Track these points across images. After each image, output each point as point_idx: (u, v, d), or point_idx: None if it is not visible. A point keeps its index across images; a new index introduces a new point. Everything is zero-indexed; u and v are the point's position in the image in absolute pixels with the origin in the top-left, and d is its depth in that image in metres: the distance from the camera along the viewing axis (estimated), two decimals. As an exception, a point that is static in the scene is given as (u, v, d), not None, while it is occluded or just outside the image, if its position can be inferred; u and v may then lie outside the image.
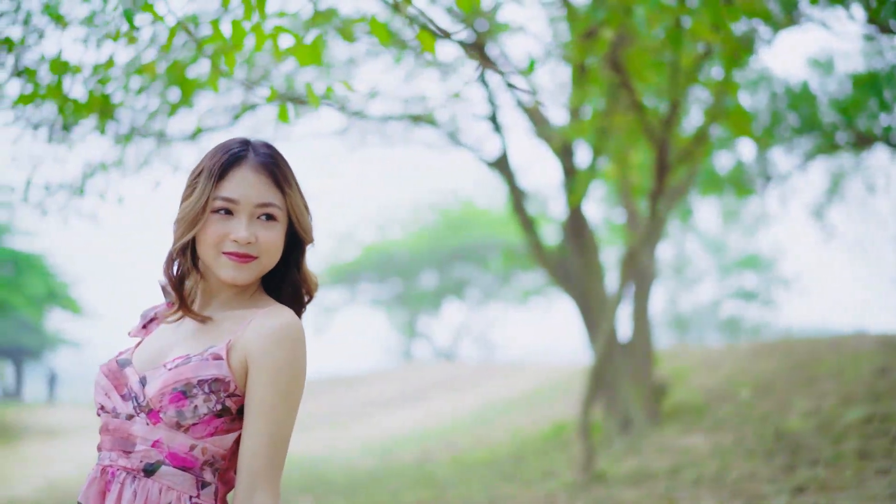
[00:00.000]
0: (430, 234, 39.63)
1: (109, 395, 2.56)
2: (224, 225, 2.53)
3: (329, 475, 13.74)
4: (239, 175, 2.55)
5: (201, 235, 2.56)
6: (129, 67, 9.35)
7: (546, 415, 15.60)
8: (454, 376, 29.18)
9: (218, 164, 2.54)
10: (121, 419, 2.52)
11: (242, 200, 2.54)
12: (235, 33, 4.63)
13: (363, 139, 13.59)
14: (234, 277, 2.56)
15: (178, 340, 2.63)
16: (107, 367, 2.61)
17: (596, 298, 11.29)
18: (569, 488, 9.08)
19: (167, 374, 2.50)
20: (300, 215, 2.65)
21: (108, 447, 2.53)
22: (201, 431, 2.49)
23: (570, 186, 10.86)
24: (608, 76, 8.26)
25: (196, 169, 2.60)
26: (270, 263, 2.61)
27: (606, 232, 22.54)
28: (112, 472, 2.50)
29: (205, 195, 2.53)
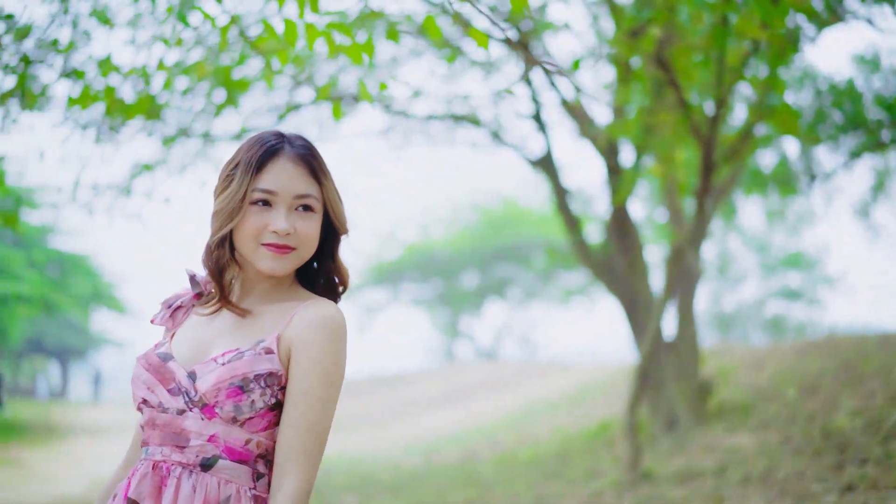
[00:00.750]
0: (472, 233, 39.61)
1: (154, 390, 2.58)
2: (263, 216, 2.57)
3: (373, 474, 13.77)
4: (277, 167, 2.58)
5: (240, 227, 2.59)
6: (177, 68, 9.44)
7: (590, 414, 15.57)
8: (496, 376, 29.16)
9: (255, 157, 2.57)
10: (170, 414, 2.54)
11: (281, 192, 2.57)
12: (288, 31, 4.67)
13: (406, 139, 13.62)
14: (273, 268, 2.59)
15: (219, 333, 2.66)
16: (146, 360, 2.63)
17: (641, 297, 11.26)
18: (615, 487, 9.06)
19: (221, 370, 2.52)
20: (336, 206, 2.70)
21: (157, 442, 2.55)
22: (256, 425, 2.53)
23: (615, 185, 10.84)
24: (654, 74, 8.24)
25: (231, 162, 2.63)
26: (308, 254, 2.65)
27: (649, 231, 22.46)
28: (167, 468, 2.52)
29: (243, 187, 2.56)
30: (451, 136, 13.41)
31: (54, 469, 17.88)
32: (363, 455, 17.56)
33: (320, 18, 4.70)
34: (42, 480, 16.15)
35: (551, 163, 11.61)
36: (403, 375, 36.46)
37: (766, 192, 16.48)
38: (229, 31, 6.23)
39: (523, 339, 46.14)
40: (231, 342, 2.62)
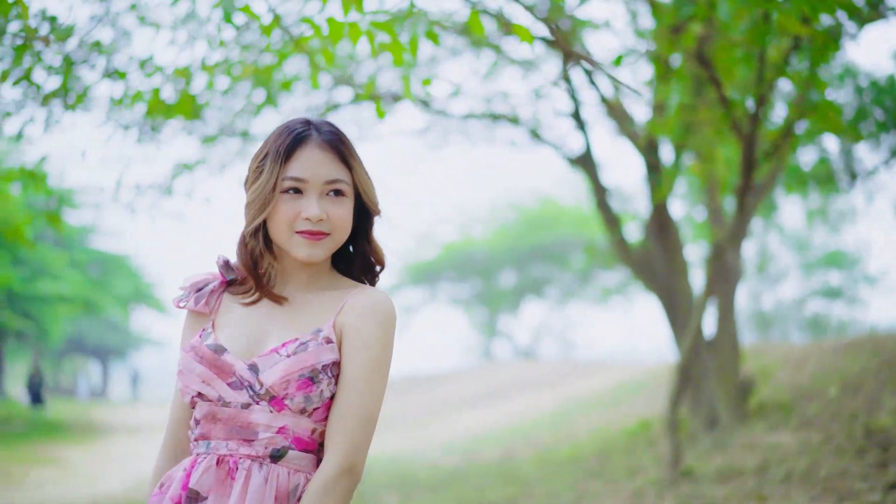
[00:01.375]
0: (510, 232, 39.54)
1: (211, 384, 2.59)
2: (295, 204, 2.59)
3: (413, 473, 13.80)
4: (305, 154, 2.60)
5: (273, 217, 2.62)
6: (219, 68, 9.50)
7: (629, 413, 15.53)
8: (535, 375, 29.12)
9: (284, 145, 2.60)
10: (234, 408, 2.57)
11: (311, 178, 2.60)
12: (332, 30, 4.69)
13: (445, 138, 13.64)
14: (308, 255, 2.62)
15: (269, 324, 2.68)
16: (196, 352, 2.63)
17: (681, 296, 11.23)
18: (656, 485, 9.04)
19: (287, 362, 2.55)
20: (367, 188, 2.71)
21: (222, 437, 2.57)
22: (321, 415, 2.59)
23: (654, 183, 10.82)
24: (694, 71, 8.22)
25: (260, 152, 2.66)
26: (342, 238, 2.68)
27: (689, 230, 22.38)
28: (234, 462, 2.54)
29: (273, 176, 2.59)
30: (490, 135, 13.42)
31: (94, 467, 18.03)
32: (402, 454, 17.59)
33: (363, 17, 4.72)
34: (83, 479, 16.29)
35: (591, 161, 11.59)
36: (441, 375, 36.48)
37: (807, 190, 16.38)
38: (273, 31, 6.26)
39: (561, 338, 46.06)
40: (286, 332, 2.64)
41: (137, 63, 10.10)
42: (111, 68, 10.10)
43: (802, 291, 39.31)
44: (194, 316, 2.78)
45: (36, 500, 13.53)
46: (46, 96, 10.28)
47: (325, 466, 2.52)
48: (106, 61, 10.00)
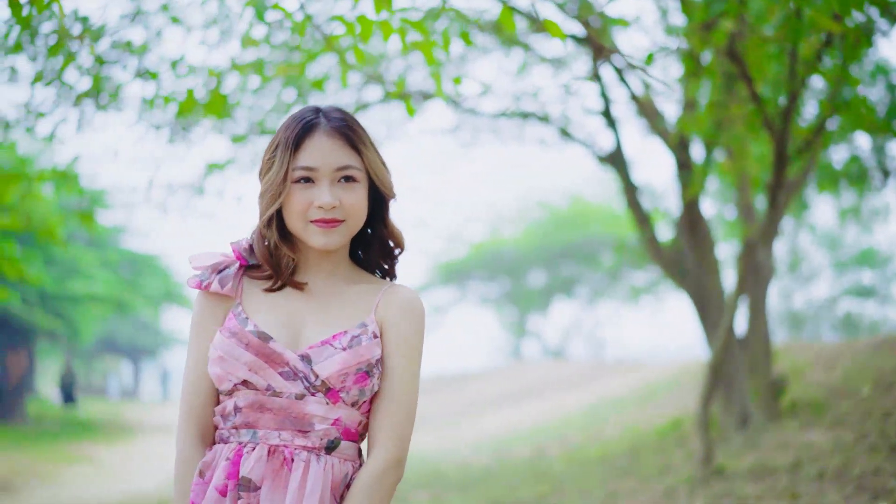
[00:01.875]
0: (540, 231, 39.46)
1: (259, 372, 2.58)
2: (307, 193, 2.61)
3: (444, 471, 13.81)
4: (314, 142, 2.61)
5: (287, 207, 2.63)
6: (251, 68, 9.55)
7: (660, 411, 15.50)
8: (565, 374, 29.09)
9: (293, 135, 2.61)
10: (287, 399, 2.58)
11: (321, 167, 2.60)
12: (363, 28, 4.71)
13: (475, 136, 13.64)
14: (324, 243, 2.63)
15: (303, 312, 2.70)
16: (239, 339, 2.61)
17: (712, 294, 11.18)
18: (688, 483, 9.02)
19: (344, 355, 2.59)
20: (379, 173, 2.71)
21: (273, 427, 2.57)
22: (366, 408, 2.66)
23: (685, 180, 10.78)
24: (725, 68, 8.19)
25: (272, 143, 2.67)
26: (357, 224, 2.69)
27: (720, 228, 22.28)
28: (289, 452, 2.56)
29: (284, 167, 2.60)
30: (520, 133, 13.41)
31: (127, 466, 18.14)
32: (432, 453, 17.61)
33: (393, 15, 4.73)
34: (115, 477, 16.39)
35: (621, 158, 11.56)
36: (471, 374, 36.48)
37: (839, 189, 16.28)
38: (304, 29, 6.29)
39: (591, 338, 45.94)
40: (325, 323, 2.67)
41: (169, 63, 10.18)
42: (143, 68, 10.18)
43: (834, 290, 39.05)
44: (213, 298, 2.72)
45: (71, 498, 13.63)
46: (79, 96, 10.37)
47: (374, 459, 2.59)
48: (137, 61, 10.08)
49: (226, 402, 2.63)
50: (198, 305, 2.72)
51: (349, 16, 5.19)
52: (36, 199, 15.13)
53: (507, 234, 40.83)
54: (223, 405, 2.64)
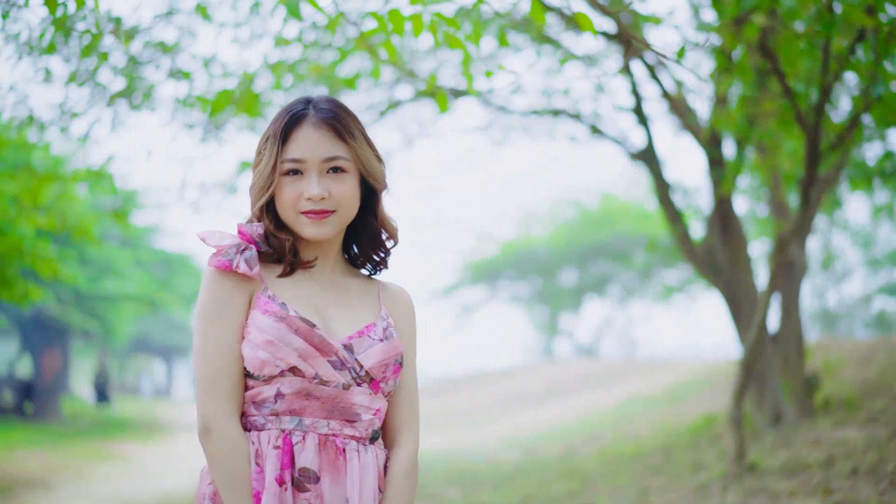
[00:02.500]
0: (570, 229, 39.38)
1: (309, 360, 2.57)
2: (296, 186, 2.62)
3: (474, 468, 13.82)
4: (302, 134, 2.62)
5: (278, 199, 2.65)
6: (283, 66, 9.60)
7: (692, 409, 15.46)
8: (596, 372, 29.05)
9: (281, 127, 2.62)
10: (334, 388, 2.59)
11: (309, 158, 2.61)
12: (395, 22, 4.73)
13: (506, 134, 13.66)
14: (316, 234, 2.64)
15: (323, 300, 2.71)
16: (289, 324, 2.58)
17: (744, 291, 11.14)
18: (720, 479, 9.00)
19: (382, 346, 2.65)
20: (368, 164, 2.71)
21: (322, 415, 2.58)
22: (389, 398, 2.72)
23: (717, 177, 10.75)
24: (757, 63, 8.17)
25: (264, 135, 2.69)
26: (349, 215, 2.70)
27: (752, 225, 22.16)
28: (340, 442, 2.58)
29: (272, 159, 2.61)
30: (551, 131, 13.41)
31: (159, 464, 18.24)
32: (463, 450, 17.62)
33: (426, 7, 4.75)
34: (150, 475, 16.49)
35: (653, 155, 11.55)
36: (501, 372, 36.46)
37: (872, 186, 16.18)
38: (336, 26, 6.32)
39: (623, 336, 45.83)
40: (352, 314, 2.71)
41: (201, 62, 10.26)
42: (176, 68, 10.25)
43: (868, 288, 38.81)
44: (236, 280, 2.62)
45: (106, 495, 13.73)
46: (112, 96, 10.46)
47: (407, 445, 2.69)
48: (171, 61, 10.16)
49: (261, 388, 2.58)
50: (217, 286, 2.60)
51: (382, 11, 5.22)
52: (70, 199, 15.25)
53: (537, 233, 40.75)
54: (257, 391, 2.58)
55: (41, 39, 8.67)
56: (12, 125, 11.01)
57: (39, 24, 8.27)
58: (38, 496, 13.69)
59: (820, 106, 7.89)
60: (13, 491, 14.05)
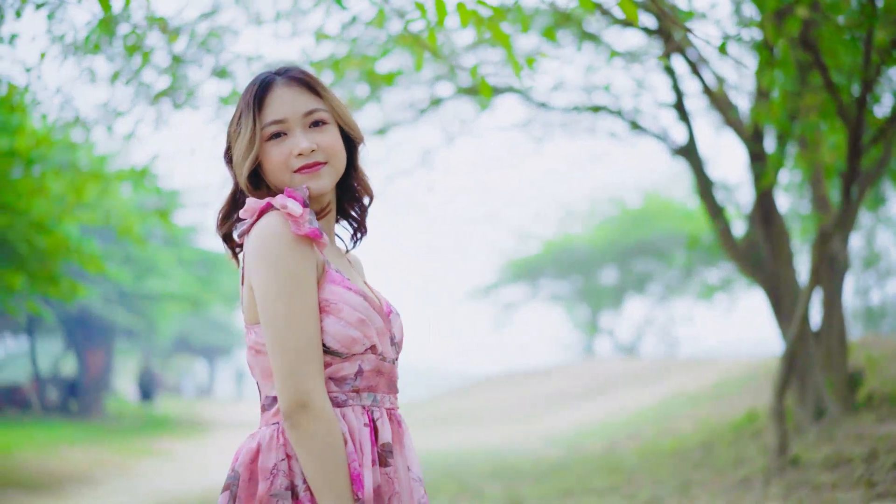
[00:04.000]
0: (611, 228, 39.24)
1: (381, 338, 2.60)
2: (283, 147, 2.58)
3: (516, 464, 13.87)
4: (276, 96, 2.59)
5: (267, 167, 2.60)
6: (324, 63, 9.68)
7: (734, 406, 15.42)
8: (637, 370, 28.99)
9: (252, 97, 2.59)
10: (391, 363, 2.65)
11: (289, 116, 2.58)
12: (439, 11, 4.77)
13: (547, 131, 13.68)
14: (315, 188, 2.58)
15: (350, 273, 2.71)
16: (371, 303, 2.60)
17: (786, 286, 11.11)
18: (762, 473, 9.00)
19: (401, 321, 2.73)
20: (345, 116, 2.69)
21: (385, 390, 2.62)
22: None
23: (759, 172, 10.73)
24: (799, 56, 8.16)
25: (234, 117, 2.65)
26: (340, 166, 2.66)
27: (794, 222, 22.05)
28: (396, 414, 2.66)
29: (250, 128, 2.57)
30: (591, 127, 13.43)
31: (202, 461, 18.40)
32: (505, 446, 17.67)
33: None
34: (191, 471, 16.64)
35: (694, 151, 11.54)
36: (542, 370, 36.45)
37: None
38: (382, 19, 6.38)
39: (664, 335, 45.62)
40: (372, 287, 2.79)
41: (243, 60, 10.36)
42: (218, 66, 10.36)
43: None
44: (310, 248, 2.51)
45: (150, 491, 13.88)
46: (156, 95, 10.58)
47: None
48: (214, 60, 10.27)
49: (342, 364, 2.51)
50: (300, 253, 2.47)
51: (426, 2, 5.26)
52: (114, 197, 15.43)
53: (578, 231, 40.63)
54: (337, 367, 2.51)
55: (87, 41, 8.79)
56: (58, 125, 11.17)
57: (85, 25, 8.39)
58: (84, 491, 13.86)
59: (862, 99, 7.88)
60: (60, 486, 14.24)
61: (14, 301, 19.97)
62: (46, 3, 7.67)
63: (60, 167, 14.46)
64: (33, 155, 12.83)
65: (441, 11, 4.81)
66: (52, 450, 18.83)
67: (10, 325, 32.27)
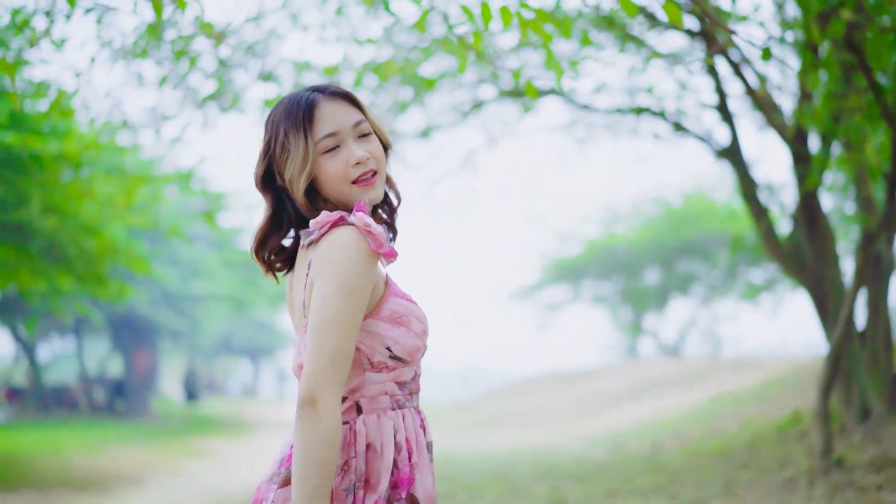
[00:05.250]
0: (655, 228, 39.07)
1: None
2: (338, 159, 2.67)
3: (560, 464, 13.90)
4: (324, 112, 2.68)
5: (324, 180, 2.69)
6: (368, 66, 9.77)
7: (779, 407, 15.37)
8: (681, 371, 28.89)
9: (300, 115, 2.66)
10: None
11: (341, 129, 2.68)
12: (484, 14, 4.84)
13: (590, 133, 13.71)
14: (373, 197, 2.71)
15: None
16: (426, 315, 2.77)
17: (831, 287, 11.07)
18: (807, 474, 9.00)
19: None
20: (379, 125, 2.80)
21: (418, 391, 2.80)
22: None
23: (803, 173, 10.70)
24: (843, 58, 8.15)
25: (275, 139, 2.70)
26: (385, 173, 2.78)
27: (839, 222, 21.91)
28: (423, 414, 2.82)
29: (303, 145, 2.65)
30: (634, 129, 13.44)
31: (247, 460, 18.54)
32: (549, 447, 17.69)
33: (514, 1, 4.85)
34: (237, 471, 16.77)
35: (737, 152, 11.53)
36: (587, 371, 36.40)
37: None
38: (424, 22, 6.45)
39: (708, 335, 45.40)
40: None
41: (289, 64, 10.47)
42: (264, 71, 10.48)
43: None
44: (375, 265, 2.63)
45: (197, 490, 14.02)
46: (203, 99, 10.71)
47: None
48: (260, 64, 10.39)
49: (403, 369, 2.69)
50: (368, 269, 2.59)
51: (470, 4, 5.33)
52: (161, 200, 15.61)
53: (621, 232, 40.51)
54: (399, 372, 2.69)
55: (135, 45, 8.92)
56: (106, 129, 11.33)
57: (133, 30, 8.51)
58: (133, 491, 14.02)
59: (906, 100, 7.86)
60: (110, 486, 14.41)
61: (62, 302, 20.26)
62: (95, 8, 7.78)
63: (108, 170, 14.66)
64: (82, 158, 13.02)
65: (486, 16, 4.88)
66: (101, 450, 19.05)
67: (57, 326, 32.67)
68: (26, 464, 16.19)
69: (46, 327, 32.76)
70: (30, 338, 31.03)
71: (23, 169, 12.98)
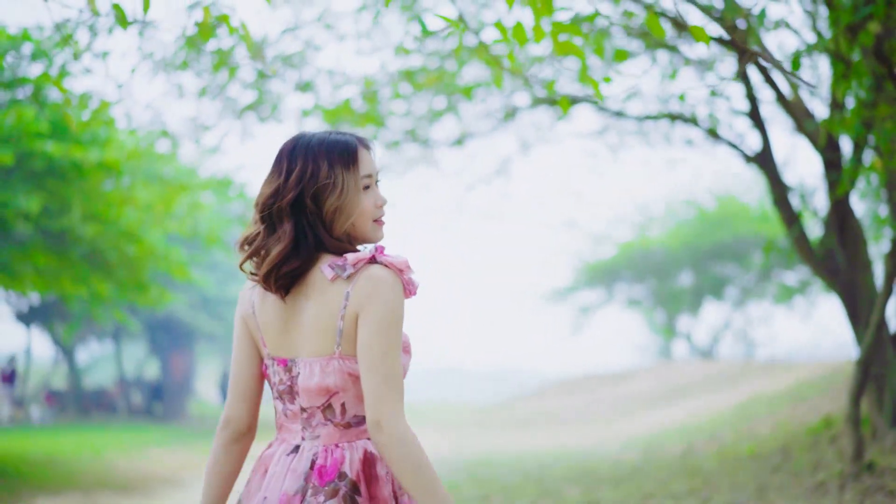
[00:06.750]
0: (688, 231, 39.06)
1: None
2: (369, 198, 2.99)
3: (594, 468, 14.01)
4: (363, 155, 2.99)
5: (359, 213, 2.98)
6: (403, 77, 9.94)
7: (812, 410, 15.43)
8: (714, 374, 28.91)
9: (348, 154, 2.95)
10: None
11: (374, 173, 3.02)
12: (517, 32, 4.99)
13: (622, 139, 13.83)
14: (381, 238, 3.04)
15: None
16: None
17: (863, 292, 11.12)
18: (838, 478, 9.09)
19: None
20: None
21: None
22: None
23: (833, 180, 10.77)
24: (873, 68, 8.24)
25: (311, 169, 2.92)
26: None
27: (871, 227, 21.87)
28: None
29: (353, 180, 2.94)
30: (667, 135, 13.54)
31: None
32: (582, 450, 17.81)
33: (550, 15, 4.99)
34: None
35: (769, 158, 11.60)
36: (620, 374, 36.45)
37: None
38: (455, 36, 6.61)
39: (742, 338, 45.33)
40: None
41: (325, 74, 10.66)
42: (302, 81, 10.68)
43: None
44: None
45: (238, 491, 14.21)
46: (242, 109, 10.93)
47: None
48: (298, 75, 10.59)
49: None
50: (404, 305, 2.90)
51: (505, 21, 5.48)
52: (200, 207, 15.84)
53: (654, 235, 40.51)
54: None
55: (176, 57, 9.14)
56: (147, 139, 11.57)
57: (173, 42, 8.72)
58: (172, 493, 14.25)
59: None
60: (150, 487, 14.66)
61: (101, 309, 20.52)
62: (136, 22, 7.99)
63: (148, 178, 14.91)
64: (123, 167, 13.27)
65: (520, 37, 5.03)
66: (140, 452, 19.32)
67: (96, 329, 33.01)
68: (68, 466, 16.45)
69: (85, 331, 33.11)
70: (69, 342, 31.38)
71: (65, 177, 13.24)
